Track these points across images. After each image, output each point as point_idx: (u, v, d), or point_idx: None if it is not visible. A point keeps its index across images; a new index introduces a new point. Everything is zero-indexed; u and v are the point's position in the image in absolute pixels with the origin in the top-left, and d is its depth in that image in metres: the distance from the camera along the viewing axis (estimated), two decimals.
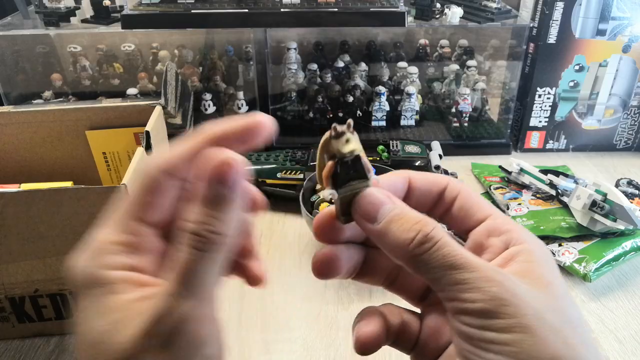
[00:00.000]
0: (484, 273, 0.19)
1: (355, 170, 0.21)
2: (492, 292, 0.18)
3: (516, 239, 0.22)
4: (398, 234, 0.20)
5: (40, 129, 0.58)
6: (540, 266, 0.20)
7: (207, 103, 0.80)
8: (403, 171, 0.24)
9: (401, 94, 0.85)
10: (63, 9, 0.75)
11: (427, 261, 0.19)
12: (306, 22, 0.73)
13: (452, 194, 0.24)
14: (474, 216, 0.23)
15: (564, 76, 0.79)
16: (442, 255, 0.19)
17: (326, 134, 0.22)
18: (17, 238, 0.43)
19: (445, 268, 0.19)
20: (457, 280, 0.19)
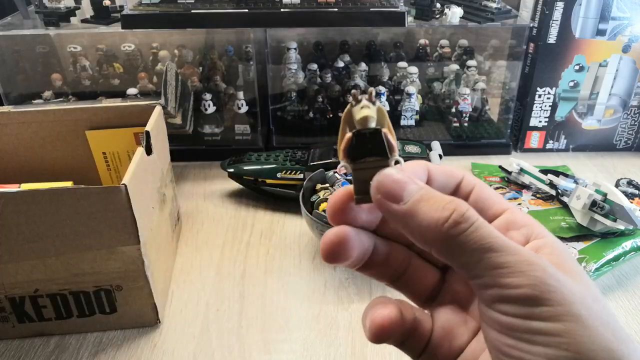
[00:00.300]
0: (526, 256, 0.17)
1: (374, 146, 0.20)
2: (537, 276, 0.17)
3: (537, 233, 0.21)
4: (430, 213, 0.18)
5: (40, 129, 0.58)
6: (567, 260, 0.19)
7: (207, 103, 0.80)
8: (421, 161, 0.23)
9: (401, 94, 0.85)
10: (63, 9, 0.75)
11: (463, 243, 0.18)
12: (306, 22, 0.73)
13: (467, 187, 0.23)
14: (490, 210, 0.22)
15: (564, 76, 0.79)
16: (480, 237, 0.18)
17: (349, 104, 0.20)
18: (17, 238, 0.43)
19: (484, 251, 0.17)
20: (496, 263, 0.17)
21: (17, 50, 0.82)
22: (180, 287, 0.56)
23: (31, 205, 0.42)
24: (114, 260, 0.45)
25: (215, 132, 0.82)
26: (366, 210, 0.21)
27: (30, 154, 0.59)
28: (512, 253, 0.17)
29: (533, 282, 0.17)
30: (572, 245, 0.57)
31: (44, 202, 0.42)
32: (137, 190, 0.44)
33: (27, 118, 0.57)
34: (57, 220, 0.43)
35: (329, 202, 0.22)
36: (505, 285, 0.17)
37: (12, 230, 0.43)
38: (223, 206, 0.71)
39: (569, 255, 0.20)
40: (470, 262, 0.18)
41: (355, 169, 0.20)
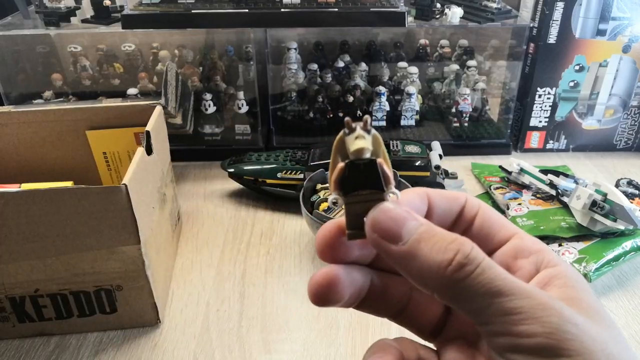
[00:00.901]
0: (539, 300, 0.16)
1: (368, 177, 0.18)
2: (553, 322, 0.15)
3: (548, 261, 0.19)
4: (431, 255, 0.17)
5: (41, 129, 0.58)
6: (583, 291, 0.18)
7: (208, 103, 0.80)
8: (419, 188, 0.21)
9: (401, 94, 0.85)
10: (63, 9, 0.75)
11: (469, 287, 0.16)
12: (306, 22, 0.73)
13: (471, 212, 0.21)
14: (496, 235, 0.21)
15: (564, 76, 0.79)
16: (487, 279, 0.16)
17: (342, 132, 0.19)
18: (18, 238, 0.43)
19: (492, 295, 0.16)
20: (507, 309, 0.16)
21: (17, 50, 0.82)
22: (181, 287, 0.56)
23: (31, 205, 0.42)
24: (114, 260, 0.45)
25: (215, 132, 0.82)
26: (360, 245, 0.20)
27: (31, 154, 0.59)
28: (524, 296, 0.16)
29: (549, 329, 0.15)
30: (572, 245, 0.57)
31: (44, 202, 0.42)
32: (137, 190, 0.44)
33: (27, 118, 0.57)
34: (57, 220, 0.43)
35: (317, 237, 0.20)
36: (518, 333, 0.15)
37: (13, 230, 0.43)
38: (223, 206, 0.71)
39: (585, 286, 0.18)
40: (478, 308, 0.16)
41: (348, 203, 0.18)
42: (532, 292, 0.16)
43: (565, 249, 0.57)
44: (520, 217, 0.62)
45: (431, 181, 0.66)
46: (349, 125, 0.18)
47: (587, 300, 0.17)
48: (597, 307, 0.17)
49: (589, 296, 0.18)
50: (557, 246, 0.58)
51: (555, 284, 0.18)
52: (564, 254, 0.56)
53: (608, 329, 0.17)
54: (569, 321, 0.15)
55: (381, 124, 0.84)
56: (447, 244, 0.17)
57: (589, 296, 0.18)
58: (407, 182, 0.61)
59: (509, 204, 0.65)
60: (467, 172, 0.78)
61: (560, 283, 0.18)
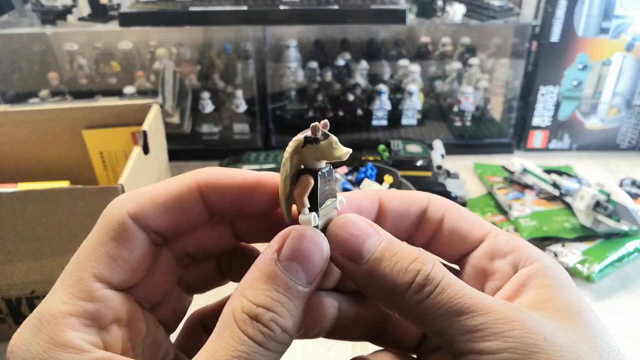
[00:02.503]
0: (501, 313, 0.15)
1: (330, 186, 0.17)
2: (516, 336, 0.15)
3: (525, 259, 0.18)
4: (392, 277, 0.16)
5: (37, 128, 0.57)
6: (562, 289, 0.17)
7: (206, 102, 0.79)
8: (370, 191, 0.20)
9: (402, 92, 0.84)
10: (60, 7, 0.74)
11: (429, 308, 0.15)
12: (306, 19, 0.72)
13: (436, 215, 0.19)
14: (469, 237, 0.19)
15: (567, 75, 0.78)
16: (446, 299, 0.15)
17: (299, 138, 0.17)
18: (14, 239, 0.43)
19: (452, 314, 0.15)
20: (468, 327, 0.15)
21: (13, 49, 0.81)
22: None
23: (27, 206, 0.41)
24: None
25: (213, 132, 0.82)
26: None
27: (27, 154, 0.58)
28: (485, 312, 0.15)
29: (512, 344, 0.14)
30: (575, 246, 0.57)
31: (40, 202, 0.41)
32: None
33: (23, 117, 0.56)
34: (53, 221, 0.42)
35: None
36: (480, 350, 0.15)
37: (9, 231, 0.42)
38: None
39: (565, 282, 0.17)
40: (440, 329, 0.15)
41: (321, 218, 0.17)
42: (494, 307, 0.15)
43: (568, 249, 0.56)
44: (523, 217, 0.62)
45: (433, 181, 0.66)
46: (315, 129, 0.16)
47: (565, 299, 0.16)
48: (575, 306, 0.16)
49: (567, 294, 0.17)
50: (560, 247, 0.57)
51: (532, 285, 0.17)
52: (567, 255, 0.56)
53: (584, 332, 0.16)
54: (534, 332, 0.15)
55: (382, 123, 0.83)
56: (408, 264, 0.16)
57: (567, 294, 0.17)
58: (409, 182, 0.61)
59: (512, 205, 0.65)
60: (469, 172, 0.77)
61: (537, 283, 0.17)
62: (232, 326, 0.15)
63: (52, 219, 0.42)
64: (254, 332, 0.15)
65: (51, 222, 0.42)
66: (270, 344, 0.15)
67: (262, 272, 0.15)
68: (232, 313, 0.15)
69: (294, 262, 0.16)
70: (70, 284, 0.15)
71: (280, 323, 0.15)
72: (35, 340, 0.14)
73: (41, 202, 0.41)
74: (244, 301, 0.15)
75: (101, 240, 0.16)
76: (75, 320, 0.15)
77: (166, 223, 0.17)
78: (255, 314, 0.15)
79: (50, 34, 0.82)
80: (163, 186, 0.17)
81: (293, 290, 0.15)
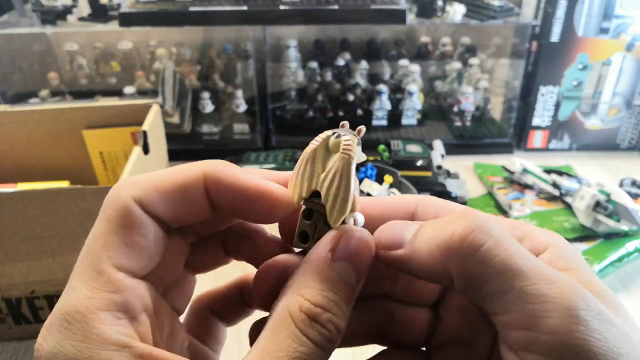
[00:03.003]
0: (564, 287, 0.13)
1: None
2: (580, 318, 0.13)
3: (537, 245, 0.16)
4: (438, 232, 0.15)
5: (37, 129, 0.57)
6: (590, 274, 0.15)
7: (206, 102, 0.79)
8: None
9: (402, 92, 0.84)
10: (60, 7, 0.74)
11: (483, 263, 0.14)
12: (306, 19, 0.72)
13: (427, 217, 0.18)
14: None
15: (567, 75, 0.78)
16: (504, 255, 0.14)
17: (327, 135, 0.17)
18: (14, 239, 0.43)
19: (511, 276, 0.13)
20: (528, 296, 0.13)
21: (13, 49, 0.81)
22: None
23: (27, 206, 0.41)
24: None
25: (213, 132, 0.82)
26: None
27: (27, 154, 0.58)
28: (547, 281, 0.13)
29: (575, 326, 0.13)
30: (575, 247, 0.57)
31: (40, 202, 0.41)
32: None
33: (23, 117, 0.56)
34: (53, 221, 0.42)
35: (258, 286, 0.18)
36: (539, 327, 0.13)
37: (8, 231, 0.42)
38: None
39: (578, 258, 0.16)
40: (494, 292, 0.14)
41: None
42: (555, 277, 0.14)
43: None
44: (523, 217, 0.62)
45: (433, 181, 0.66)
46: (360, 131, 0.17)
47: (599, 285, 0.15)
48: (609, 293, 0.15)
49: (596, 279, 0.15)
50: None
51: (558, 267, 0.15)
52: None
53: (629, 322, 0.14)
54: (596, 316, 0.13)
55: (382, 123, 0.83)
56: (453, 219, 0.15)
57: (596, 279, 0.15)
58: (409, 182, 0.61)
59: (512, 205, 0.65)
60: (469, 172, 0.77)
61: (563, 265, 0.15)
62: (290, 326, 0.14)
63: (52, 219, 0.42)
64: (313, 333, 0.14)
65: (51, 222, 0.42)
66: (327, 344, 0.15)
67: (317, 272, 0.15)
68: (289, 312, 0.15)
69: (346, 263, 0.15)
70: (91, 278, 0.14)
71: (336, 323, 0.15)
72: (68, 342, 0.13)
73: (41, 202, 0.41)
74: (301, 300, 0.15)
75: (112, 229, 0.15)
76: (106, 314, 0.14)
77: (170, 212, 0.16)
78: (314, 314, 0.15)
79: (50, 34, 0.82)
80: (169, 173, 0.17)
81: (346, 291, 0.15)
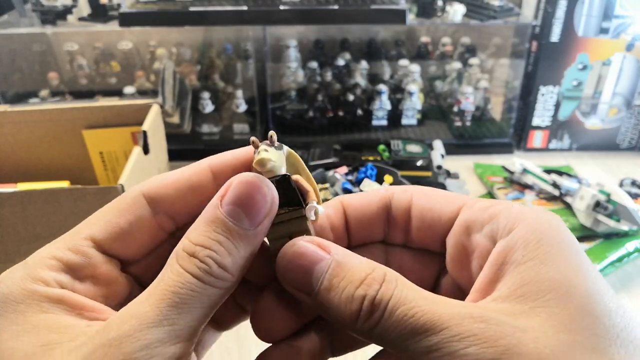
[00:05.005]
0: (456, 329, 0.14)
1: (285, 195, 0.17)
2: (471, 354, 0.13)
3: (503, 228, 0.16)
4: (341, 308, 0.16)
5: (37, 129, 0.57)
6: (548, 261, 0.14)
7: (206, 102, 0.79)
8: (333, 199, 0.20)
9: (402, 92, 0.84)
10: (60, 7, 0.74)
11: (383, 334, 0.15)
12: (306, 19, 0.72)
13: (401, 204, 0.19)
14: (441, 217, 0.18)
15: (567, 75, 0.78)
16: (397, 322, 0.14)
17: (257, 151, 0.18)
18: (14, 239, 0.42)
19: (406, 336, 0.14)
20: (423, 349, 0.14)
21: (13, 49, 0.81)
22: None
23: (27, 206, 0.41)
24: None
25: (213, 132, 0.82)
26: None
27: (27, 154, 0.58)
28: (438, 329, 0.14)
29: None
30: None
31: (40, 202, 0.41)
32: None
33: (23, 117, 0.56)
34: (53, 221, 0.42)
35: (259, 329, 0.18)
36: None
37: (9, 231, 0.42)
38: None
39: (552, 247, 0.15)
40: (399, 351, 0.15)
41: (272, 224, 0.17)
42: (448, 321, 0.14)
43: None
44: None
45: (433, 181, 0.66)
46: (254, 143, 0.18)
47: (551, 275, 0.14)
48: (566, 284, 0.14)
49: (555, 266, 0.14)
50: None
51: (513, 261, 0.15)
52: None
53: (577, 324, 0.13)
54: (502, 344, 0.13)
55: (382, 123, 0.83)
56: (355, 290, 0.15)
57: (555, 266, 0.14)
58: (409, 182, 0.61)
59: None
60: (469, 172, 0.77)
61: (519, 258, 0.15)
62: (173, 263, 0.16)
63: (52, 219, 0.42)
64: (190, 266, 0.15)
65: (51, 222, 0.42)
66: (206, 277, 0.15)
67: (204, 217, 0.16)
68: (175, 253, 0.16)
69: (235, 207, 0.16)
70: (68, 237, 0.17)
71: (216, 259, 0.16)
72: (18, 272, 0.16)
73: (41, 202, 0.41)
74: (185, 242, 0.16)
75: (109, 209, 0.18)
76: (56, 263, 0.16)
77: (179, 205, 0.18)
78: (192, 251, 0.16)
79: (50, 34, 0.82)
80: (178, 171, 0.18)
81: (233, 232, 0.16)
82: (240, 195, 0.16)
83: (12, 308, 0.15)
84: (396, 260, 0.20)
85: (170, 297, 0.15)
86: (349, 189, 0.59)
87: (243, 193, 0.16)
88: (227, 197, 0.16)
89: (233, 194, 0.16)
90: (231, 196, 0.16)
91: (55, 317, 0.15)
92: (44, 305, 0.15)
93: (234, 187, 0.16)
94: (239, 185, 0.16)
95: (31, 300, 0.15)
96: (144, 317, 0.15)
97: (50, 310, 0.15)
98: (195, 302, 0.15)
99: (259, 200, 0.16)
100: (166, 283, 0.15)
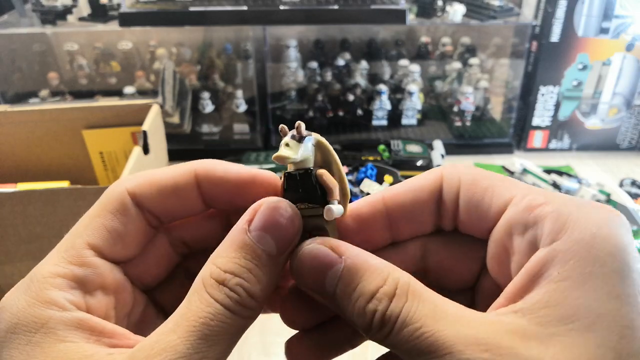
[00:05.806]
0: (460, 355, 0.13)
1: (305, 190, 0.17)
2: None
3: (548, 233, 0.14)
4: (354, 318, 0.16)
5: (37, 129, 0.57)
6: (583, 284, 0.13)
7: (205, 102, 0.79)
8: (373, 195, 0.19)
9: (402, 92, 0.84)
10: (60, 7, 0.74)
11: (392, 346, 0.15)
12: (306, 19, 0.72)
13: (450, 193, 0.18)
14: (490, 209, 0.17)
15: (567, 75, 0.78)
16: (404, 340, 0.14)
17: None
18: (14, 239, 0.42)
19: (414, 354, 0.14)
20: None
21: (13, 49, 0.81)
22: None
23: (27, 206, 0.41)
24: None
25: (213, 132, 0.82)
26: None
27: (27, 154, 0.58)
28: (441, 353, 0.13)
29: None
30: None
31: (40, 202, 0.41)
32: None
33: (23, 117, 0.56)
34: (53, 221, 0.42)
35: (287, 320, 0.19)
36: None
37: (8, 231, 0.42)
38: None
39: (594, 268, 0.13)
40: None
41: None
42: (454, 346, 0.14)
43: None
44: None
45: None
46: (282, 130, 0.17)
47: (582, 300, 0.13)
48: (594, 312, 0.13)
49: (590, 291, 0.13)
50: None
51: (547, 276, 0.14)
52: None
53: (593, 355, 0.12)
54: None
55: (382, 123, 0.83)
56: (365, 303, 0.15)
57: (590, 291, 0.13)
58: None
59: None
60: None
61: (554, 274, 0.13)
62: (201, 291, 0.15)
63: (52, 219, 0.42)
64: (220, 296, 0.15)
65: (51, 222, 0.42)
66: (236, 307, 0.15)
67: (232, 241, 0.16)
68: (202, 279, 0.15)
69: (263, 232, 0.16)
70: (64, 249, 0.16)
71: (246, 288, 0.15)
72: (23, 297, 0.15)
73: (41, 202, 0.41)
74: (213, 268, 0.15)
75: (99, 213, 0.17)
76: (62, 281, 0.16)
77: (161, 205, 0.18)
78: (222, 279, 0.15)
79: (50, 34, 0.82)
80: (163, 170, 0.18)
81: (262, 259, 0.16)
82: (268, 220, 0.16)
83: (25, 339, 0.14)
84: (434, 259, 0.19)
85: (201, 330, 0.14)
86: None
87: (271, 219, 0.16)
88: (255, 221, 0.16)
89: (262, 219, 0.16)
90: (260, 221, 0.16)
91: (74, 346, 0.14)
92: (61, 334, 0.14)
93: (262, 212, 0.16)
94: (267, 211, 0.16)
95: (47, 329, 0.14)
96: (173, 350, 0.14)
97: (68, 338, 0.14)
98: (225, 333, 0.15)
99: (287, 227, 0.16)
100: (195, 313, 0.15)
